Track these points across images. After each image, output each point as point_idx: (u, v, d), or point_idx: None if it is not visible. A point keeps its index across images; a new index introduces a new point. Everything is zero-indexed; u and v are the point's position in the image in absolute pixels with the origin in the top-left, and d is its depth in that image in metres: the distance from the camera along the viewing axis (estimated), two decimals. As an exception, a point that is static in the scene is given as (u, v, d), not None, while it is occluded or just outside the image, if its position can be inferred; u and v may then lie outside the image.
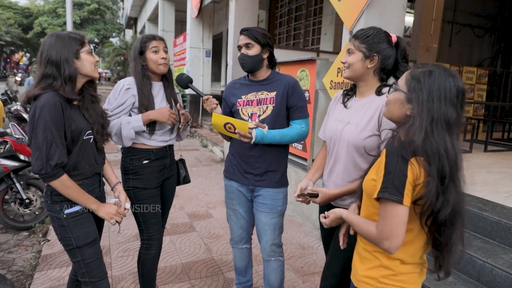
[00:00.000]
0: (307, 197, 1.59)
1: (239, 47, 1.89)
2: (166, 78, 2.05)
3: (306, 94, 3.72)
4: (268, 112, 1.88)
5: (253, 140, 1.81)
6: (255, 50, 1.85)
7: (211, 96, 1.89)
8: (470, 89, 7.11)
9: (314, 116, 3.64)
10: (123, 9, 31.23)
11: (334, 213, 1.30)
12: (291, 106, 1.89)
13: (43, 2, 31.77)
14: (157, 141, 1.99)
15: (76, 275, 1.85)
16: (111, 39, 31.26)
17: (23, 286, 2.48)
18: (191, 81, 2.07)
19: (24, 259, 2.85)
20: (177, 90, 2.16)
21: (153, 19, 16.34)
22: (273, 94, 1.88)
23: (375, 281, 1.16)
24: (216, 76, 12.53)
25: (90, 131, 1.62)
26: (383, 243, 1.06)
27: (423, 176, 1.03)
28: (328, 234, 1.71)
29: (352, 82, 1.63)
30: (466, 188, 1.07)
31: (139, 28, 21.60)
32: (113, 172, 1.83)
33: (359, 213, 1.29)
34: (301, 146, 3.91)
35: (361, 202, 1.26)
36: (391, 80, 1.60)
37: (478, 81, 7.21)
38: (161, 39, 1.97)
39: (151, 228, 2.03)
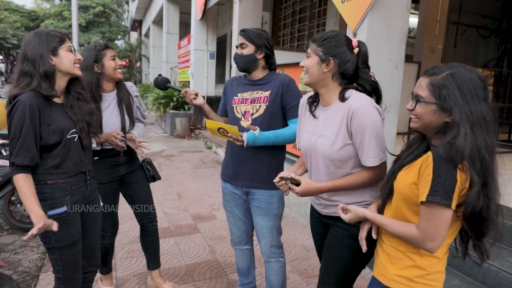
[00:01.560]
0: (289, 182, 1.48)
1: (236, 47, 1.92)
2: (119, 83, 2.15)
3: (310, 96, 3.71)
4: (261, 111, 1.88)
5: (245, 143, 1.81)
6: (248, 50, 1.87)
7: (188, 89, 1.95)
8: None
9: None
10: (128, 11, 31.42)
11: (355, 213, 1.28)
12: (286, 104, 1.87)
13: (49, 5, 32.11)
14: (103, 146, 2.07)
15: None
16: (116, 42, 31.48)
17: (29, 287, 2.50)
18: (168, 81, 2.12)
19: (30, 260, 2.87)
20: (137, 93, 2.25)
21: (158, 21, 16.43)
22: (267, 93, 1.88)
23: (407, 281, 1.18)
24: (220, 78, 12.56)
25: (74, 130, 1.61)
26: (425, 244, 1.09)
27: (469, 180, 1.04)
28: (320, 239, 1.68)
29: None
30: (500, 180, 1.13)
31: (144, 31, 21.71)
32: None
33: (378, 213, 1.31)
34: (305, 147, 3.91)
35: (386, 203, 1.29)
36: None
37: (484, 82, 7.15)
38: (113, 48, 2.11)
39: (103, 221, 2.08)
